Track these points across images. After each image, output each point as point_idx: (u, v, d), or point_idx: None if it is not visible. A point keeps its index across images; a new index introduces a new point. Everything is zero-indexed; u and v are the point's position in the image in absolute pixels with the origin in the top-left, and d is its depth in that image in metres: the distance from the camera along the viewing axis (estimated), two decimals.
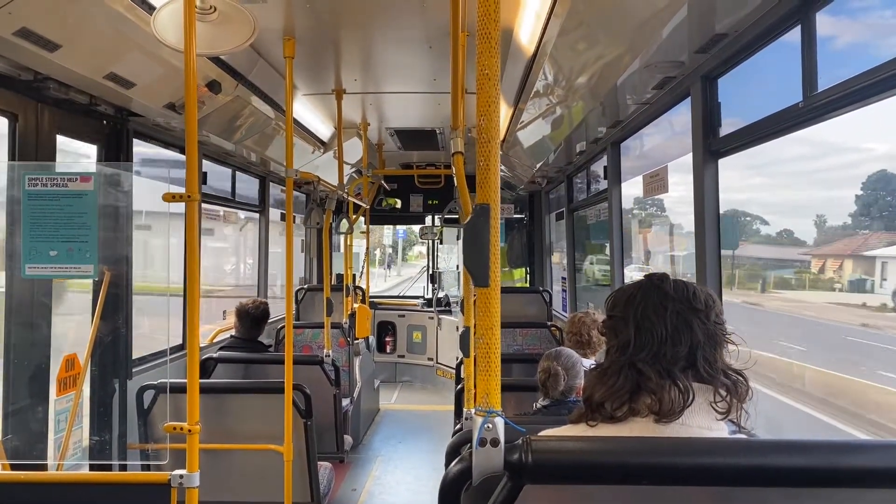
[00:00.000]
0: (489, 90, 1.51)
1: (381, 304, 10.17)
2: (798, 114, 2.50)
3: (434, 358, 9.69)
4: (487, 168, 1.50)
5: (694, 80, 3.31)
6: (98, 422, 4.01)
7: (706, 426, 1.43)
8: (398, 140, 7.94)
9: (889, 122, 2.90)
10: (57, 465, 3.24)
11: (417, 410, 8.48)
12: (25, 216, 2.67)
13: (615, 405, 1.47)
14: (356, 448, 6.58)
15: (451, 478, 1.41)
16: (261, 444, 3.69)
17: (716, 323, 1.52)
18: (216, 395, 3.80)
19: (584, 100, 4.16)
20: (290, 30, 4.01)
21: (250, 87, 4.71)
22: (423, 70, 5.07)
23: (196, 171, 2.50)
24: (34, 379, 3.40)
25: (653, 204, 7.00)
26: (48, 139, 3.52)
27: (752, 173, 7.12)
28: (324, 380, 4.84)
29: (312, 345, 6.53)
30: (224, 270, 8.96)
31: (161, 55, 3.50)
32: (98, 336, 3.66)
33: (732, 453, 1.23)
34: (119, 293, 3.97)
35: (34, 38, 2.86)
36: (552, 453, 1.27)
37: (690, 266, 3.58)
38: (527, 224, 10.11)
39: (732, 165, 3.33)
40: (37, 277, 2.76)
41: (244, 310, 5.05)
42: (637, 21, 2.91)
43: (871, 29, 2.81)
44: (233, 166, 6.36)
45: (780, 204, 9.71)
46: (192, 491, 2.43)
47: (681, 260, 6.26)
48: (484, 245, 1.49)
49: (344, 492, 5.61)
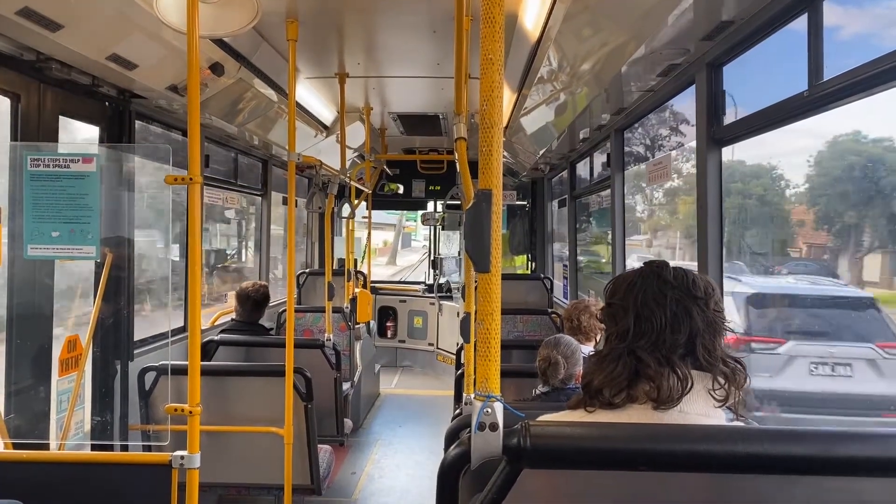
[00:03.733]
0: (492, 75, 1.51)
1: (382, 290, 10.19)
2: (803, 103, 2.49)
3: (434, 343, 9.72)
4: (490, 153, 1.50)
5: (699, 68, 3.30)
6: (100, 403, 4.03)
7: (704, 413, 1.44)
8: (401, 125, 7.92)
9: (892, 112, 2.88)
10: (59, 445, 3.26)
11: (417, 395, 8.51)
12: (27, 197, 2.67)
13: (613, 392, 1.48)
14: (356, 432, 6.62)
15: (450, 461, 1.43)
16: (261, 427, 3.71)
17: (715, 311, 1.52)
18: (217, 378, 3.82)
19: (588, 86, 4.14)
20: (293, 12, 3.99)
21: (253, 70, 4.69)
22: (426, 55, 5.04)
23: (198, 153, 2.50)
24: (36, 359, 3.41)
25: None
26: (50, 120, 3.52)
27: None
28: (324, 364, 4.86)
29: (314, 329, 6.55)
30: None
31: (164, 36, 3.48)
32: (100, 317, 3.67)
33: (729, 440, 1.24)
34: (121, 275, 3.98)
35: (36, 18, 2.84)
36: (550, 438, 1.28)
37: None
38: (529, 211, 10.09)
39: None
40: (39, 258, 2.77)
41: (245, 293, 5.06)
42: (643, 7, 2.89)
43: (877, 19, 2.80)
44: (235, 149, 6.35)
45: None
46: (192, 472, 2.45)
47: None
48: (485, 231, 1.49)
49: (343, 475, 5.65)
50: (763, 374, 5.44)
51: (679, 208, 7.73)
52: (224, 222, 8.23)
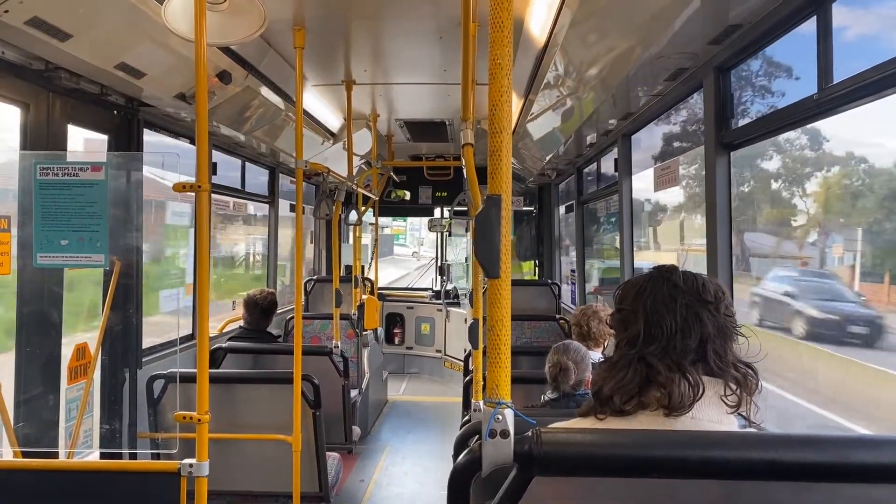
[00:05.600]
0: (501, 80, 1.50)
1: (389, 296, 10.19)
2: (812, 106, 2.48)
3: (442, 350, 9.71)
4: (499, 158, 1.49)
5: (707, 72, 3.29)
6: (108, 410, 4.04)
7: (716, 420, 1.43)
8: (407, 131, 7.93)
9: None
10: (68, 453, 3.27)
11: (425, 402, 8.50)
12: (37, 205, 2.68)
13: (624, 399, 1.46)
14: (364, 439, 6.60)
15: (461, 468, 1.42)
16: (269, 434, 3.70)
17: (726, 315, 1.51)
18: (225, 385, 3.82)
19: (595, 91, 4.13)
20: (300, 20, 4.01)
21: (260, 78, 4.71)
22: (433, 61, 5.05)
23: (206, 161, 2.50)
24: (45, 367, 3.42)
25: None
26: (59, 129, 3.54)
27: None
28: (332, 371, 4.86)
29: (321, 336, 6.55)
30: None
31: (171, 45, 3.50)
32: (108, 326, 3.68)
33: (742, 447, 1.23)
34: (129, 283, 3.99)
35: (45, 28, 2.86)
36: (562, 445, 1.27)
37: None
38: (536, 216, 10.08)
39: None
40: (48, 266, 2.77)
41: (252, 300, 5.06)
42: (650, 11, 2.88)
43: (884, 21, 2.78)
44: (243, 157, 6.37)
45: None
46: (201, 480, 2.45)
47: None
48: (495, 236, 1.48)
49: (352, 482, 5.63)
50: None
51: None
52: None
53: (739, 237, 6.67)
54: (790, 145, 6.26)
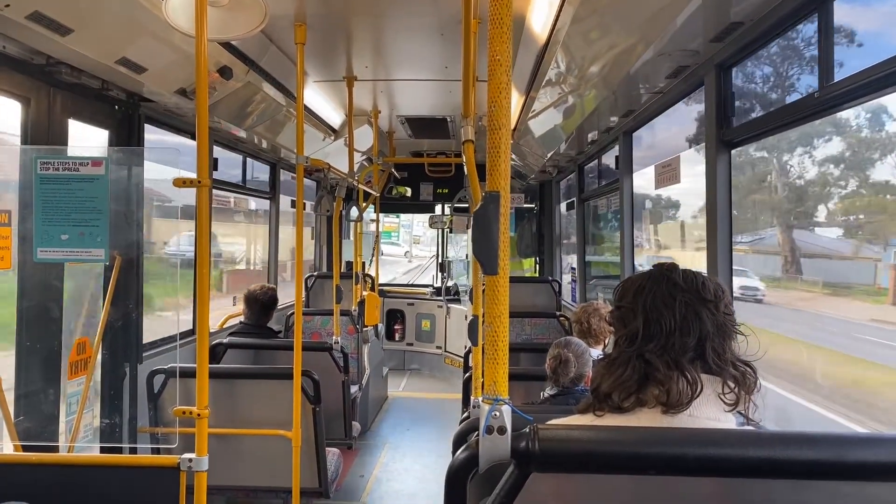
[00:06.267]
0: (500, 76, 1.50)
1: (390, 292, 10.19)
2: (814, 103, 2.47)
3: (442, 346, 9.71)
4: (497, 155, 1.49)
5: (708, 69, 3.28)
6: (109, 405, 4.04)
7: (714, 417, 1.43)
8: (409, 128, 7.92)
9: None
10: (68, 448, 3.27)
11: (425, 398, 8.51)
12: (37, 200, 2.68)
13: (623, 396, 1.47)
14: (364, 435, 6.61)
15: (458, 465, 1.42)
16: (269, 430, 3.71)
17: (725, 314, 1.51)
18: (225, 381, 3.82)
19: (597, 88, 4.12)
20: (301, 16, 4.00)
21: (261, 74, 4.71)
22: (434, 57, 5.04)
23: (207, 156, 2.50)
24: (46, 362, 3.43)
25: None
26: (60, 123, 3.53)
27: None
28: (332, 366, 4.86)
29: (322, 332, 6.55)
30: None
31: (173, 40, 3.49)
32: (109, 320, 3.68)
33: (740, 445, 1.23)
34: (130, 278, 3.99)
35: (46, 22, 2.86)
36: (559, 442, 1.27)
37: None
38: (537, 214, 10.07)
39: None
40: (48, 261, 2.77)
41: (253, 296, 5.06)
42: (651, 9, 2.88)
43: (887, 17, 2.77)
44: (243, 153, 6.37)
45: None
46: (200, 474, 2.45)
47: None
48: (493, 232, 1.48)
49: (352, 478, 5.64)
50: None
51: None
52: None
53: (785, 234, 5.97)
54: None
